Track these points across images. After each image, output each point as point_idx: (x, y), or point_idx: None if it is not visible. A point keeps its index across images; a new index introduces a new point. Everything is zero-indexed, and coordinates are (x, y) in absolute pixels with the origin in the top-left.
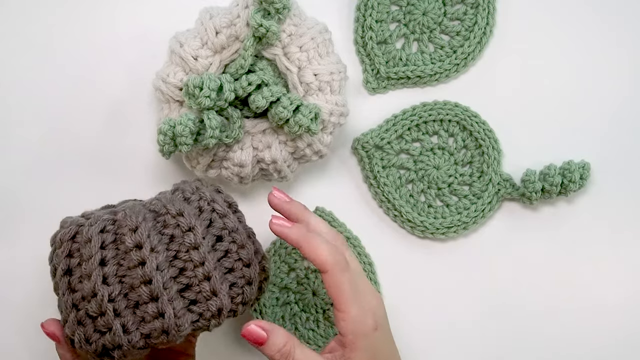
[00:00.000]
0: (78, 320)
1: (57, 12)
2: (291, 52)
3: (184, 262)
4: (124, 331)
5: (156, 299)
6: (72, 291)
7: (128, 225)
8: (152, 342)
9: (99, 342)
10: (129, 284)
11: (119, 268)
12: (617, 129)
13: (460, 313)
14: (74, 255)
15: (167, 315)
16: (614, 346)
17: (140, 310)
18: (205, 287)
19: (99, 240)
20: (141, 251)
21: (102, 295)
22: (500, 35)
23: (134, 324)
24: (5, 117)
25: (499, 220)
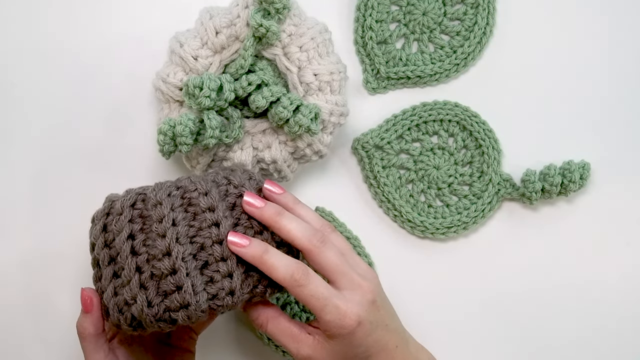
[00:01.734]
0: (141, 283)
1: (57, 12)
2: (291, 52)
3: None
4: (193, 291)
5: (225, 260)
6: (135, 254)
7: (198, 189)
8: (215, 304)
9: (161, 305)
10: (199, 243)
11: (190, 229)
12: (617, 129)
13: (460, 313)
14: (135, 221)
15: (234, 277)
16: (614, 346)
17: (209, 271)
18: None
19: (169, 202)
20: (214, 213)
21: (176, 253)
22: (500, 35)
23: (201, 284)
24: (6, 117)
25: (499, 220)
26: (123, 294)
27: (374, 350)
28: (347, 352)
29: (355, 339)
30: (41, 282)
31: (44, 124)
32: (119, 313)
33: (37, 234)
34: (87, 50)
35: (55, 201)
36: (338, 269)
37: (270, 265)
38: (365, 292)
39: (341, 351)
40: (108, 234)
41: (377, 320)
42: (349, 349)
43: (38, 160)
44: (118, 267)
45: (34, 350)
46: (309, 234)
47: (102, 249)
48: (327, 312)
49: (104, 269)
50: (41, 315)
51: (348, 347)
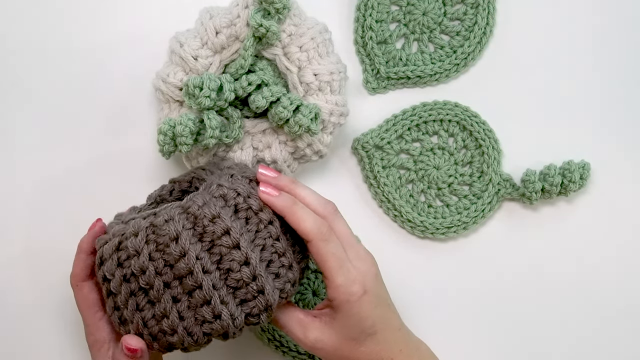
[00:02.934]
0: (179, 313)
1: (57, 12)
2: (291, 52)
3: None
4: (231, 316)
5: (255, 279)
6: (167, 286)
7: (207, 216)
8: (249, 320)
9: (200, 331)
10: (226, 268)
11: (211, 256)
12: (617, 129)
13: (460, 313)
14: (154, 258)
15: (266, 292)
16: (614, 346)
17: (241, 292)
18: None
19: (187, 236)
20: (230, 236)
21: (207, 284)
22: (500, 35)
23: (238, 309)
24: (6, 117)
25: (499, 220)
26: (159, 325)
27: (379, 326)
28: (353, 327)
29: (362, 310)
30: (41, 283)
31: (43, 123)
32: (154, 340)
33: (37, 233)
34: (87, 50)
35: (55, 201)
36: (331, 265)
37: (299, 215)
38: (370, 265)
39: (348, 326)
40: (125, 269)
41: (381, 296)
42: (355, 323)
43: (38, 160)
44: (145, 299)
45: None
46: (319, 229)
47: (121, 284)
48: (340, 274)
49: (129, 301)
50: (41, 318)
51: (355, 321)
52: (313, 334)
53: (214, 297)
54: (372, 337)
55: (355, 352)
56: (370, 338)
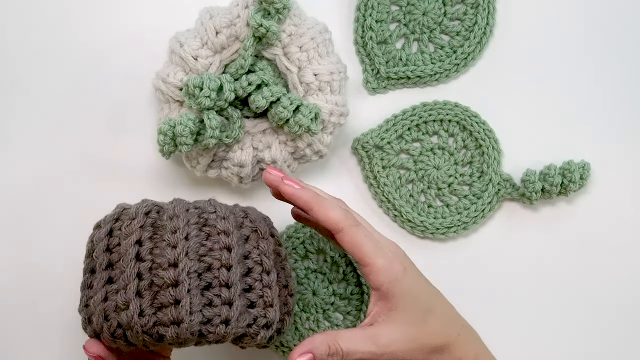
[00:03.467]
0: (138, 290)
1: (57, 12)
2: (291, 52)
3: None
4: (190, 309)
5: (229, 287)
6: (139, 260)
7: (217, 212)
8: (207, 330)
9: (152, 317)
10: (207, 263)
11: (201, 247)
12: (617, 129)
13: (460, 313)
14: (146, 228)
15: (234, 307)
16: (614, 345)
17: (210, 293)
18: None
19: (185, 217)
20: (229, 237)
21: (183, 265)
22: (500, 35)
23: (199, 304)
24: (5, 117)
25: (499, 220)
26: (115, 300)
27: (434, 299)
28: (412, 308)
29: (412, 285)
30: (41, 284)
31: (43, 124)
32: (104, 319)
33: (37, 233)
34: (87, 51)
35: (54, 201)
36: (369, 248)
37: (327, 205)
38: (397, 246)
39: (406, 309)
40: (113, 238)
41: (419, 272)
42: (411, 302)
43: (38, 160)
44: (116, 272)
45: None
46: (347, 216)
47: (103, 253)
48: (380, 256)
49: (99, 274)
50: (46, 313)
51: (410, 300)
52: (384, 337)
53: (184, 282)
54: (432, 314)
55: (425, 337)
56: (430, 315)
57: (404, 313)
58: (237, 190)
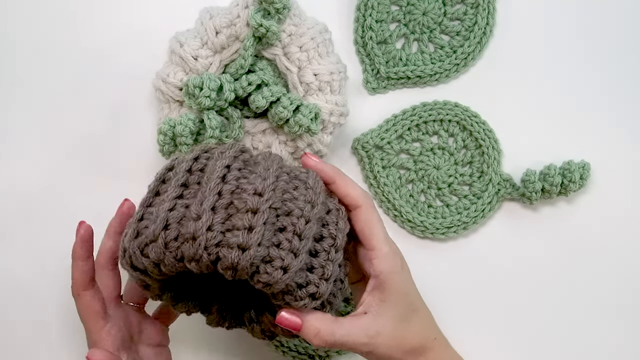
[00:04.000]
0: (214, 206)
1: (57, 12)
2: (291, 52)
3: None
4: (261, 239)
5: (301, 238)
6: (224, 182)
7: (309, 174)
8: (264, 269)
9: (219, 235)
10: (288, 208)
11: (286, 192)
12: (617, 129)
13: (460, 313)
14: (237, 160)
15: (299, 258)
16: (614, 345)
17: (282, 236)
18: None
19: (278, 164)
20: (315, 195)
21: (268, 196)
22: (500, 35)
23: (268, 240)
24: (6, 117)
25: (499, 220)
26: (183, 212)
27: (418, 302)
28: (401, 304)
29: (405, 283)
30: (44, 280)
31: (43, 124)
32: (164, 228)
33: (37, 233)
34: (87, 51)
35: (54, 201)
36: (379, 233)
37: (349, 181)
38: (397, 246)
39: (397, 304)
40: (198, 163)
41: (410, 272)
42: (402, 298)
43: (37, 160)
44: (190, 192)
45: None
46: (367, 195)
47: (184, 172)
48: (386, 243)
49: (172, 189)
50: (46, 312)
51: (401, 296)
52: (374, 330)
53: (264, 213)
54: (416, 314)
55: (408, 335)
56: (415, 315)
57: (394, 308)
58: None
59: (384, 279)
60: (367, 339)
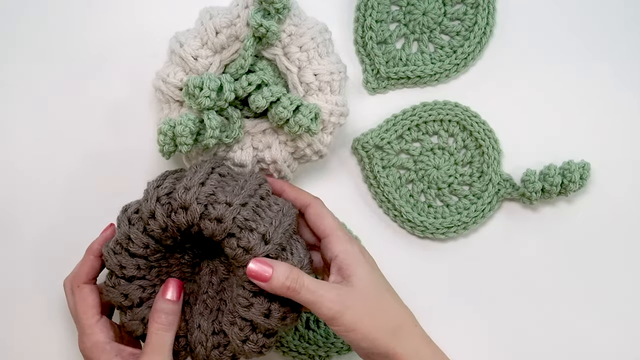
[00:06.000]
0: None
1: (57, 12)
2: (291, 52)
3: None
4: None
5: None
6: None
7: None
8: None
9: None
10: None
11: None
12: (617, 129)
13: (460, 312)
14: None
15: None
16: (614, 345)
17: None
18: None
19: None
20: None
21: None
22: (500, 35)
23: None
24: (6, 117)
25: (499, 220)
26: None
27: (391, 288)
28: (365, 280)
29: (367, 264)
30: (43, 282)
31: (43, 124)
32: (157, 201)
33: (36, 234)
34: (87, 50)
35: (54, 201)
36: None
37: (298, 188)
38: (357, 242)
39: (360, 279)
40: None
41: (374, 264)
42: (365, 276)
43: (37, 160)
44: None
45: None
46: (317, 198)
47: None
48: (340, 229)
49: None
50: (46, 316)
51: (363, 274)
52: (342, 294)
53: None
54: (389, 294)
55: (385, 314)
56: (388, 295)
57: (362, 280)
58: None
59: (344, 257)
60: (337, 297)
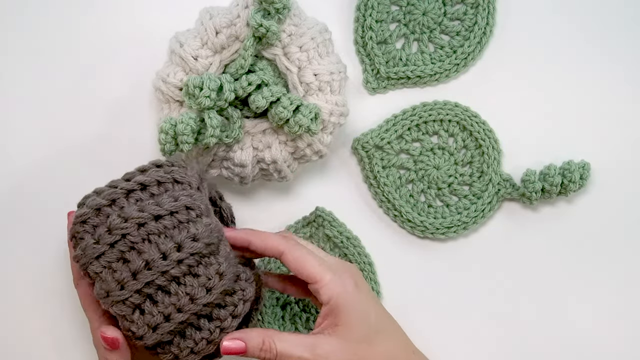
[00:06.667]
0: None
1: (57, 11)
2: (291, 52)
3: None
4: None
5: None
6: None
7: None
8: None
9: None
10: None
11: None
12: (617, 129)
13: (460, 313)
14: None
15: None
16: (614, 345)
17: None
18: None
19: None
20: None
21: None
22: (500, 35)
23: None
24: (6, 117)
25: (499, 220)
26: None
27: (385, 321)
28: (360, 325)
29: (362, 302)
30: (42, 280)
31: (43, 124)
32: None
33: (36, 234)
34: (86, 50)
35: (54, 201)
36: (314, 264)
37: (263, 234)
38: (350, 266)
39: (354, 325)
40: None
41: (375, 296)
42: (360, 319)
43: (37, 161)
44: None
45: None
46: (286, 239)
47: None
48: (326, 270)
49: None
50: (45, 314)
51: (358, 317)
52: (322, 348)
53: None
54: (382, 334)
55: (371, 356)
56: (380, 335)
57: (351, 329)
58: (237, 190)
59: (335, 305)
60: (311, 355)
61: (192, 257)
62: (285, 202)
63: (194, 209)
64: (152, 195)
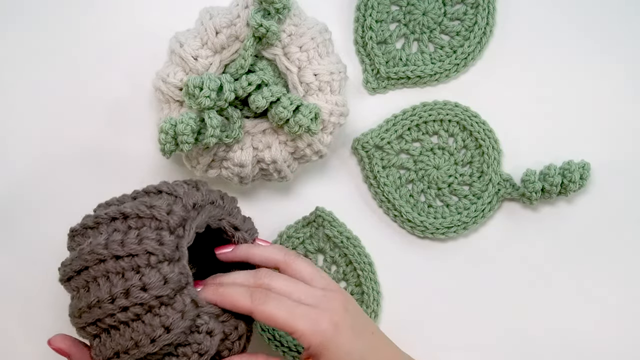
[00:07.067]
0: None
1: (57, 12)
2: (291, 52)
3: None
4: None
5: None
6: None
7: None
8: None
9: None
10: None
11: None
12: (617, 129)
13: (460, 313)
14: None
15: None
16: (614, 345)
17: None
18: None
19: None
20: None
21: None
22: (500, 35)
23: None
24: (6, 117)
25: (499, 220)
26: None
27: (371, 357)
28: None
29: (343, 344)
30: (41, 283)
31: (43, 124)
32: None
33: (35, 234)
34: (87, 50)
35: (54, 201)
36: (285, 318)
37: (228, 294)
38: (333, 300)
39: None
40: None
41: (359, 326)
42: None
43: (37, 160)
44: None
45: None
46: (252, 297)
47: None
48: (299, 320)
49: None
50: (43, 318)
51: (341, 359)
52: None
53: None
54: (372, 355)
55: None
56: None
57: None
58: (237, 190)
59: (314, 351)
60: None
61: (138, 306)
62: (285, 202)
63: (156, 255)
64: (129, 229)
